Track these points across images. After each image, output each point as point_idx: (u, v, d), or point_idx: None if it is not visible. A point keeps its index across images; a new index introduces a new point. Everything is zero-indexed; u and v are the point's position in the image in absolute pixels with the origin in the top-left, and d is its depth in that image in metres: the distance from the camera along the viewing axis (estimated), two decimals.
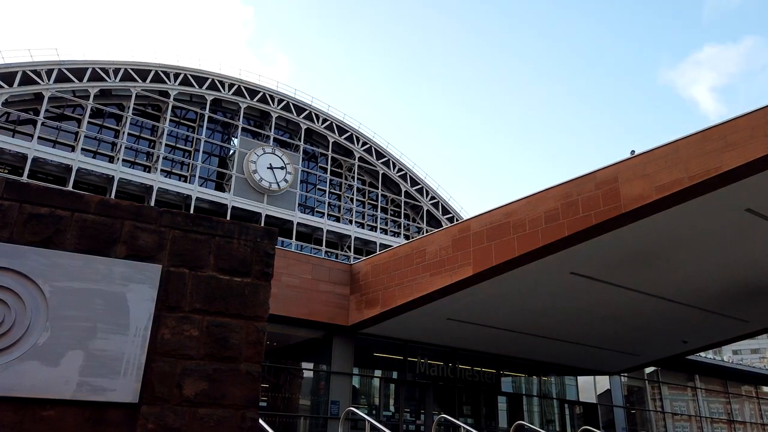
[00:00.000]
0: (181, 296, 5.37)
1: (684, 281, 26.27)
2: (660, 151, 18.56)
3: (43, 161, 48.70)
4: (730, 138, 16.90)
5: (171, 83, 56.40)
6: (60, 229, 5.08)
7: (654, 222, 19.46)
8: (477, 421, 34.17)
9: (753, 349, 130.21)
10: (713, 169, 17.00)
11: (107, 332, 4.96)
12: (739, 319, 31.77)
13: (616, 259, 23.09)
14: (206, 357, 5.28)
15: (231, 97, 59.68)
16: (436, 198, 70.89)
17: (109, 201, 5.44)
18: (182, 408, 5.08)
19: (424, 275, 24.40)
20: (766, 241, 22.40)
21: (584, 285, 25.14)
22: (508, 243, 21.72)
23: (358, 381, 31.51)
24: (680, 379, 49.49)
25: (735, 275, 26.10)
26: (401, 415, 32.10)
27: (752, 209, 19.44)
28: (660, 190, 18.03)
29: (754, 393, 56.70)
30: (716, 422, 50.58)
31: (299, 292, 26.29)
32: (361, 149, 66.73)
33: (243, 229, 5.87)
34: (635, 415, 45.31)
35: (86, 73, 51.64)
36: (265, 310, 5.68)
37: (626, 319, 30.40)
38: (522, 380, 39.29)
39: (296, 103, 63.63)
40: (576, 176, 20.60)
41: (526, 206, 21.64)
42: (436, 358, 33.60)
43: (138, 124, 55.96)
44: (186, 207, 53.18)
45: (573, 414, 41.56)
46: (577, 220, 19.83)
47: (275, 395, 29.30)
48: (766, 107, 16.52)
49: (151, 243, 5.41)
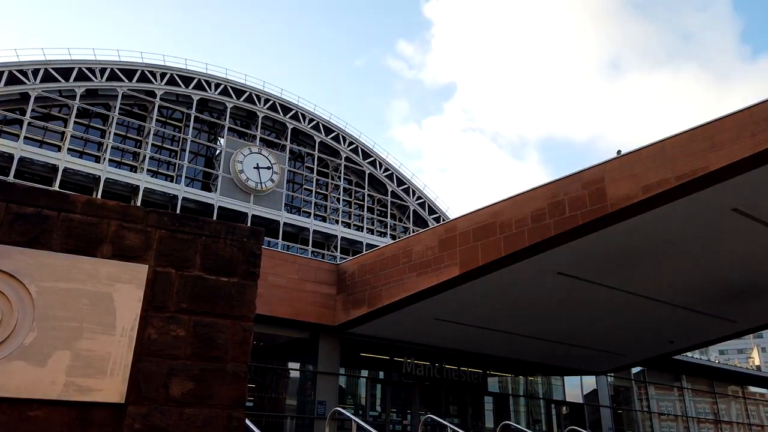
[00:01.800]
0: (168, 296, 5.36)
1: (671, 281, 26.33)
2: (646, 151, 18.62)
3: (29, 161, 48.50)
4: (716, 138, 16.97)
5: (157, 83, 56.28)
6: (46, 229, 5.08)
7: (641, 222, 19.51)
8: (463, 421, 34.18)
9: (739, 349, 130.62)
10: (700, 169, 17.06)
11: (94, 332, 4.96)
12: (726, 319, 31.85)
13: (603, 259, 23.13)
14: (193, 357, 5.28)
15: (217, 97, 59.59)
16: (423, 198, 70.89)
17: (95, 201, 5.44)
18: (169, 408, 5.07)
19: (411, 275, 24.42)
20: (753, 241, 22.47)
21: (571, 285, 25.18)
22: (494, 243, 21.74)
23: (345, 381, 31.52)
24: (667, 379, 49.65)
25: (722, 275, 26.20)
26: (388, 415, 32.11)
27: (739, 209, 19.51)
28: (646, 190, 18.08)
29: (740, 393, 56.95)
30: (703, 422, 50.76)
31: (286, 292, 26.29)
32: (348, 149, 66.70)
33: (229, 229, 5.87)
34: (622, 415, 45.42)
35: (72, 73, 51.47)
36: (251, 310, 5.68)
37: (613, 319, 30.46)
38: (508, 380, 39.38)
39: (283, 102, 63.57)
40: (562, 176, 20.66)
41: (513, 206, 21.68)
42: (422, 358, 33.64)
43: (124, 124, 55.78)
44: (172, 207, 53.09)
45: (559, 414, 41.64)
46: (564, 220, 19.87)
47: (262, 395, 29.30)
48: (751, 107, 16.60)
49: (138, 243, 5.40)
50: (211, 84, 59.45)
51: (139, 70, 55.31)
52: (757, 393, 59.63)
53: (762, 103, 16.47)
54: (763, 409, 60.27)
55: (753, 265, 25.17)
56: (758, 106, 16.53)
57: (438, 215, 69.79)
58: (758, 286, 27.29)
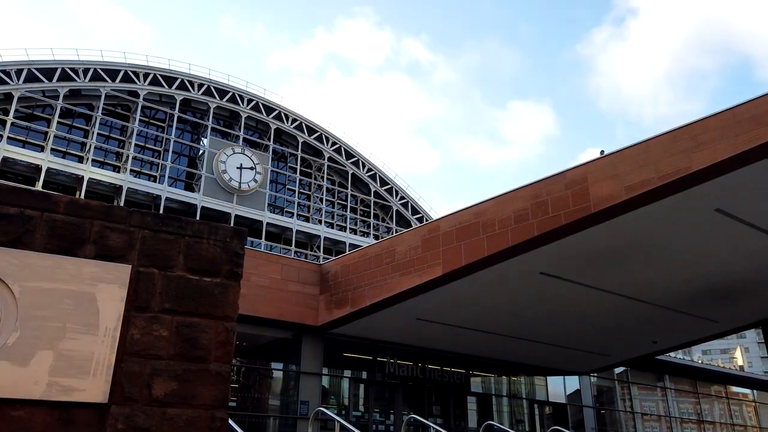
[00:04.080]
0: (151, 296, 5.35)
1: (654, 281, 26.42)
2: (630, 152, 18.69)
3: (12, 161, 48.41)
4: (699, 138, 17.04)
5: (140, 83, 56.23)
6: (29, 229, 5.06)
7: (624, 222, 19.58)
8: (446, 421, 34.23)
9: (723, 350, 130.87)
10: (683, 169, 17.14)
11: (77, 332, 4.95)
12: (709, 319, 31.99)
13: (586, 259, 23.18)
14: (176, 357, 5.27)
15: (200, 97, 59.55)
16: (406, 198, 70.99)
17: (78, 201, 5.43)
18: (152, 408, 5.07)
19: (394, 275, 24.44)
20: (736, 242, 22.58)
21: (554, 285, 25.25)
22: (477, 243, 21.78)
23: (328, 381, 31.53)
24: (650, 380, 49.72)
25: (705, 275, 26.29)
26: (371, 415, 32.17)
27: (722, 209, 19.60)
28: (630, 190, 18.15)
29: (723, 393, 57.05)
30: (686, 422, 50.84)
31: (269, 292, 26.29)
32: (331, 149, 66.72)
33: (212, 229, 5.86)
34: (605, 416, 45.51)
35: (56, 73, 51.44)
36: (234, 310, 5.67)
37: (596, 319, 30.55)
38: (491, 380, 39.41)
39: (266, 103, 63.57)
40: (545, 176, 20.70)
41: (496, 206, 21.72)
42: (405, 358, 33.65)
43: (107, 124, 55.75)
44: (155, 207, 53.03)
45: (542, 414, 41.71)
46: (547, 220, 19.92)
47: (245, 395, 29.30)
48: (734, 108, 16.69)
49: (121, 243, 5.39)
50: (194, 84, 59.43)
51: (122, 71, 55.28)
52: (740, 393, 59.79)
53: (745, 104, 16.55)
54: (745, 409, 60.42)
55: (736, 265, 25.28)
56: (741, 107, 16.62)
57: (421, 215, 69.90)
58: (740, 286, 27.41)
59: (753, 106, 16.42)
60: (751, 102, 16.48)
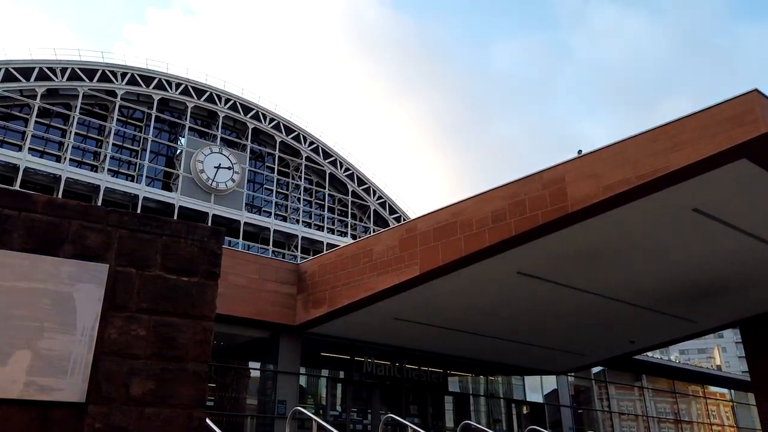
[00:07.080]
0: (129, 296, 5.36)
1: (631, 281, 26.48)
2: (607, 151, 18.72)
3: None
4: (677, 138, 17.08)
5: (118, 83, 56.21)
6: (7, 229, 5.06)
7: (601, 222, 19.62)
8: (424, 421, 34.19)
9: (700, 349, 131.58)
10: (661, 169, 17.17)
11: (54, 332, 4.95)
12: (687, 319, 32.05)
13: (564, 259, 23.20)
14: (153, 356, 5.28)
15: (178, 97, 59.57)
16: (383, 197, 71.08)
17: (56, 200, 5.43)
18: (129, 407, 5.07)
19: (371, 275, 24.42)
20: (714, 242, 22.67)
21: (531, 285, 25.27)
22: (455, 243, 21.77)
23: (305, 380, 31.48)
24: (627, 379, 49.90)
25: (682, 275, 26.36)
26: (348, 414, 32.09)
27: (699, 209, 19.66)
28: (607, 190, 18.17)
29: (701, 393, 57.24)
30: (663, 422, 51.01)
31: (246, 291, 26.23)
32: (308, 149, 66.83)
33: (190, 229, 5.87)
34: (582, 415, 45.60)
35: (33, 72, 51.40)
36: (212, 310, 5.68)
37: (573, 318, 30.56)
38: (469, 380, 39.48)
39: (243, 102, 63.65)
40: (523, 176, 20.70)
41: (473, 206, 21.71)
42: (383, 357, 33.65)
43: (85, 124, 55.73)
44: (133, 206, 53.02)
45: (520, 414, 41.76)
46: (524, 219, 19.92)
47: (222, 395, 29.23)
48: (712, 107, 16.74)
49: (99, 242, 5.39)
50: (171, 83, 59.41)
51: (100, 70, 55.26)
52: (717, 393, 59.99)
53: (723, 104, 16.60)
54: (723, 408, 60.66)
55: (713, 265, 25.38)
56: (719, 107, 16.66)
57: (399, 215, 70.07)
58: (718, 286, 27.49)
59: (730, 107, 16.48)
60: (728, 102, 16.55)
